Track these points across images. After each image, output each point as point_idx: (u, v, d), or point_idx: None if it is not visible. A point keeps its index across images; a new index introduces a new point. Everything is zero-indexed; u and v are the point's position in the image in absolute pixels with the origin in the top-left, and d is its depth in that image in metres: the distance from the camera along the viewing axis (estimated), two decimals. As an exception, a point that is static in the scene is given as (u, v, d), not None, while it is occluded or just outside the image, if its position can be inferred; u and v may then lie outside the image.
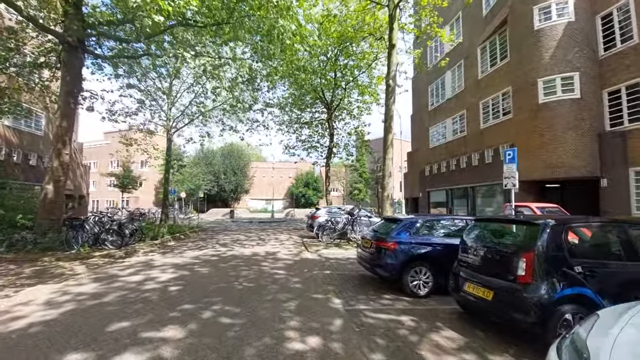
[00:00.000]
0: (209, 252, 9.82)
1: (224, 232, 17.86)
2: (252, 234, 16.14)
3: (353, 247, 10.86)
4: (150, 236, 12.79)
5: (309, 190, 51.70)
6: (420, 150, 24.43)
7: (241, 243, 12.27)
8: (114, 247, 10.00)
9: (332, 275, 6.87)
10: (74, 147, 22.80)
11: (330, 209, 14.87)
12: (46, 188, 10.34)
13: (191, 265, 7.64)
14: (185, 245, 11.78)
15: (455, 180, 19.19)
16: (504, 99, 15.52)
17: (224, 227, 22.05)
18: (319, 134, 25.35)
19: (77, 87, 10.55)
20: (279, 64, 15.40)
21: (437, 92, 21.99)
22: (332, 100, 22.32)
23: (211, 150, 49.48)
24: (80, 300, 4.93)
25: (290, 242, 12.82)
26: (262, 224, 24.99)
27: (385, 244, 5.52)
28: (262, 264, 7.93)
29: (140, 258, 8.93)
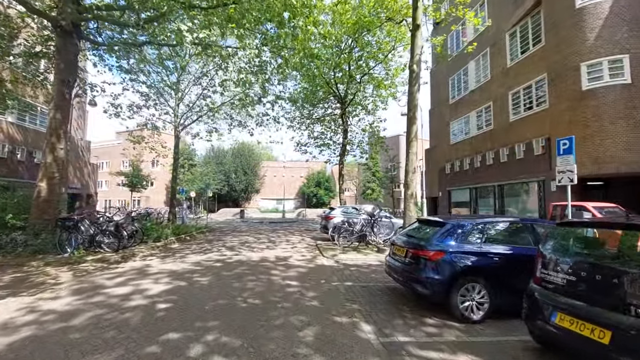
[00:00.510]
0: (213, 257, 8.80)
1: (233, 233, 16.92)
2: (262, 236, 15.12)
3: (373, 252, 9.69)
4: (154, 237, 11.91)
5: (321, 190, 50.60)
6: (439, 146, 22.98)
7: (250, 246, 11.24)
8: (110, 250, 9.11)
9: (355, 288, 5.72)
10: (81, 145, 22.35)
11: (345, 209, 13.71)
12: (39, 186, 9.52)
13: (190, 274, 6.61)
14: (189, 248, 10.81)
15: (480, 178, 17.75)
16: (538, 87, 14.04)
17: (233, 227, 21.15)
18: (332, 131, 24.21)
19: (71, 76, 9.70)
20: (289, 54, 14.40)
21: (458, 84, 20.54)
22: (346, 94, 21.15)
23: (222, 149, 48.97)
24: (44, 322, 3.93)
25: (302, 245, 11.73)
26: (273, 225, 24.01)
27: (425, 253, 4.34)
28: (272, 272, 6.84)
29: (137, 263, 7.97)
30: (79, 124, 21.15)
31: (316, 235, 15.46)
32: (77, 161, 20.99)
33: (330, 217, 13.10)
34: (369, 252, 9.62)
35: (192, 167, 44.63)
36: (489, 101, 17.30)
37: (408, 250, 4.69)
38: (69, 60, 9.49)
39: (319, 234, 15.95)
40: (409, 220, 10.33)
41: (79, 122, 21.20)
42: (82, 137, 21.45)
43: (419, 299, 4.84)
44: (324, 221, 13.56)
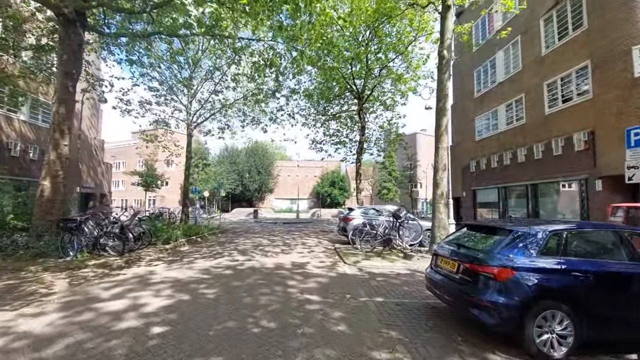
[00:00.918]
0: (224, 263, 8.01)
1: (246, 234, 16.21)
2: (277, 238, 14.33)
3: (400, 258, 8.70)
4: (163, 239, 11.29)
5: (335, 190, 49.62)
6: (463, 143, 21.65)
7: (263, 249, 10.43)
8: (115, 253, 8.48)
9: (388, 305, 4.78)
10: (94, 144, 22.19)
11: (365, 210, 12.74)
12: (42, 184, 8.99)
13: (196, 284, 5.82)
14: (199, 251, 10.10)
15: (509, 176, 16.43)
16: (579, 76, 12.69)
17: (246, 228, 20.49)
18: (348, 128, 23.27)
19: (76, 68, 9.12)
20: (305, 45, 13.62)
21: (485, 76, 19.20)
22: (364, 89, 20.18)
23: (235, 148, 48.72)
24: (10, 352, 3.18)
25: (320, 249, 10.84)
26: (287, 225, 23.24)
27: (487, 269, 3.37)
28: (289, 283, 5.97)
29: (141, 269, 7.26)
30: (92, 123, 20.95)
31: (333, 238, 14.56)
32: (90, 160, 20.80)
33: (349, 218, 12.16)
34: (395, 259, 8.63)
35: (206, 167, 44.50)
36: (520, 93, 15.97)
37: (461, 264, 3.73)
38: (72, 51, 8.91)
39: (336, 236, 15.04)
40: (438, 222, 9.32)
41: (92, 121, 21.01)
42: (95, 136, 21.25)
43: (475, 324, 3.87)
44: (342, 223, 12.64)
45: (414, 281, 6.32)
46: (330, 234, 16.47)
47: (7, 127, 14.91)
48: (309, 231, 18.35)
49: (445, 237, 4.76)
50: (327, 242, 12.85)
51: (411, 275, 6.83)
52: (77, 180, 19.53)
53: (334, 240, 13.63)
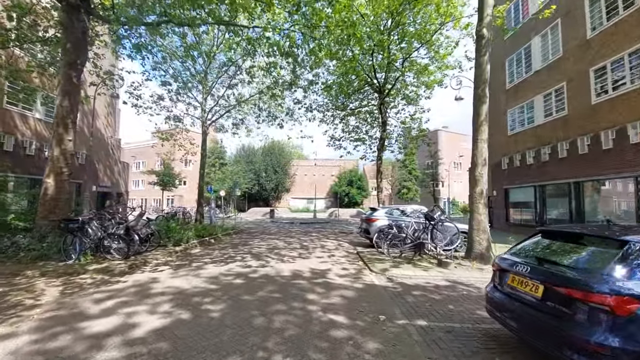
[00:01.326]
0: (235, 269, 7.18)
1: (261, 235, 15.45)
2: (293, 240, 13.46)
3: (434, 266, 7.61)
4: (174, 240, 10.64)
5: (353, 189, 48.46)
6: (493, 139, 19.96)
7: (279, 253, 9.56)
8: (119, 256, 7.83)
9: (434, 332, 3.76)
10: (111, 143, 22.09)
11: (389, 210, 11.65)
12: (45, 182, 8.47)
13: (200, 297, 4.98)
14: (211, 254, 9.34)
15: (548, 174, 14.94)
16: (633, 59, 11.17)
17: (262, 228, 19.77)
18: (368, 124, 22.15)
19: (80, 57, 8.54)
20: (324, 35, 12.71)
21: (518, 64, 17.68)
22: (385, 82, 19.03)
23: (252, 148, 48.44)
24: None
25: (341, 253, 9.86)
26: (304, 226, 22.38)
27: (595, 297, 2.32)
28: (308, 297, 5.05)
29: (143, 275, 6.53)
30: (109, 122, 20.81)
31: (354, 240, 13.55)
32: (107, 159, 20.66)
33: (373, 219, 11.12)
34: (428, 266, 7.55)
35: (223, 166, 44.35)
36: (561, 82, 14.44)
37: (549, 286, 2.67)
38: (76, 39, 8.33)
39: (356, 238, 14.03)
40: (477, 224, 8.16)
41: (109, 120, 20.86)
42: (112, 134, 21.11)
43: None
44: (365, 224, 11.61)
45: (458, 296, 5.25)
46: (350, 236, 15.46)
47: (23, 125, 14.75)
48: (328, 232, 17.40)
49: (512, 247, 3.68)
50: (348, 245, 11.86)
51: (453, 289, 5.76)
52: (94, 179, 19.38)
53: (355, 242, 12.62)
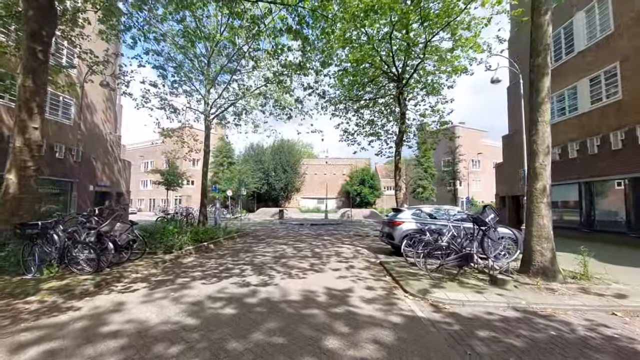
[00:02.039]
0: (228, 289, 5.56)
1: (268, 239, 13.86)
2: (304, 245, 11.82)
3: (485, 284, 5.85)
4: (166, 246, 9.15)
5: (365, 189, 46.56)
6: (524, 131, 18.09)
7: (286, 264, 7.91)
8: (90, 268, 6.32)
9: None
10: (110, 140, 20.87)
11: (417, 211, 9.87)
12: (6, 179, 7.02)
13: (167, 344, 3.36)
14: (205, 264, 7.77)
15: (597, 169, 12.91)
16: None
17: (269, 230, 18.20)
18: (384, 116, 20.36)
19: (45, 27, 7.07)
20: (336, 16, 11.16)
21: (557, 46, 15.63)
22: (404, 70, 17.23)
23: (261, 146, 47.09)
24: None
25: (361, 264, 8.15)
26: (315, 228, 20.73)
27: None
28: (326, 345, 3.37)
29: (109, 298, 4.98)
30: (107, 117, 19.58)
31: (373, 245, 11.83)
32: (105, 157, 19.43)
33: (397, 222, 9.37)
34: (480, 285, 5.77)
35: (231, 165, 43.12)
36: (612, 62, 12.41)
37: None
38: (39, 5, 6.87)
39: (375, 242, 12.30)
40: (538, 230, 6.34)
41: (107, 115, 19.63)
42: (111, 130, 19.88)
43: None
44: (387, 228, 9.86)
45: (547, 340, 3.51)
46: (367, 240, 13.73)
47: (9, 119, 13.54)
48: (341, 235, 15.71)
49: None
50: (367, 252, 10.15)
51: (530, 324, 4.00)
52: (91, 178, 18.16)
53: (375, 248, 10.90)
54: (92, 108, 18.32)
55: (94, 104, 18.46)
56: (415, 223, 9.24)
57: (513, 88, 19.29)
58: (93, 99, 18.42)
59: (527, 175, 6.80)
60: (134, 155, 51.75)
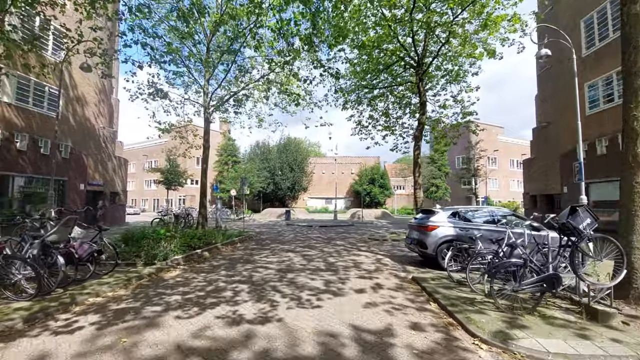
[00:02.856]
0: (212, 329, 3.84)
1: (273, 243, 12.18)
2: (314, 252, 10.09)
3: (581, 319, 4.06)
4: (147, 257, 7.52)
5: (375, 188, 44.70)
6: (560, 122, 16.11)
7: (294, 282, 6.18)
8: (33, 291, 4.69)
9: None
10: (103, 135, 19.42)
11: (455, 214, 8.02)
12: None
13: None
14: (190, 283, 6.09)
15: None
16: None
17: (275, 233, 16.54)
18: (400, 108, 18.55)
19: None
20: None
21: (601, 24, 13.65)
22: (424, 54, 15.43)
23: (267, 144, 45.56)
24: None
25: (390, 281, 6.37)
26: (325, 230, 19.00)
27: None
28: None
29: (30, 345, 3.33)
30: (100, 110, 18.13)
31: (394, 252, 10.06)
32: (98, 153, 17.98)
33: (431, 226, 7.58)
34: (579, 324, 3.96)
35: (236, 164, 41.65)
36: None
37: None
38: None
39: (395, 248, 10.52)
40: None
41: (101, 108, 18.19)
42: (104, 125, 18.43)
43: None
44: (417, 233, 8.06)
45: None
46: (386, 245, 11.96)
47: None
48: (355, 239, 13.95)
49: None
50: (391, 262, 8.39)
51: None
52: (82, 176, 16.71)
53: (399, 257, 9.14)
54: (82, 100, 16.88)
55: (85, 96, 17.02)
56: (454, 228, 7.44)
57: (546, 74, 17.32)
58: (84, 91, 16.99)
59: (626, 164, 4.95)
60: (137, 154, 50.69)
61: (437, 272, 6.82)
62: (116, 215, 19.43)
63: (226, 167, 41.57)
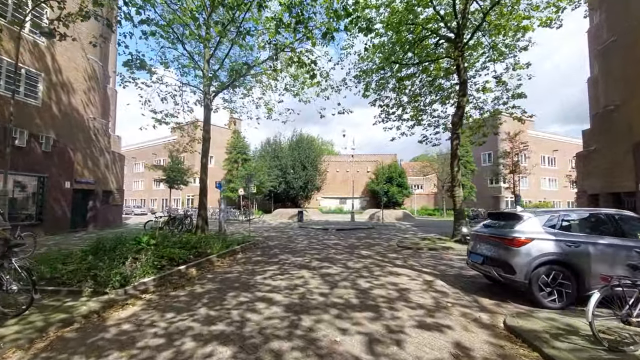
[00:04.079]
0: None
1: (282, 254, 9.75)
2: (336, 268, 7.61)
3: None
4: (95, 283, 5.22)
5: (393, 187, 41.82)
6: (632, 103, 13.13)
7: (312, 336, 3.72)
8: None
9: None
10: (94, 127, 17.39)
11: (558, 220, 5.33)
12: None
13: None
14: (143, 337, 3.70)
15: None
16: None
17: (286, 238, 14.12)
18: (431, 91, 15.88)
19: None
20: None
21: None
22: (464, 23, 12.77)
23: (278, 141, 43.39)
24: None
25: (478, 338, 3.79)
26: (344, 235, 16.47)
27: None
28: None
29: None
30: (90, 100, 16.14)
31: (441, 267, 7.47)
32: (88, 147, 15.98)
33: (519, 240, 4.97)
34: None
35: (246, 162, 39.57)
36: None
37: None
38: None
39: (436, 260, 7.90)
40: None
41: (91, 97, 16.20)
42: (95, 116, 16.42)
43: None
44: (494, 249, 5.43)
45: None
46: (424, 255, 9.36)
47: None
48: (383, 247, 11.40)
49: None
50: (449, 287, 5.83)
51: None
52: (68, 172, 14.73)
53: (453, 277, 6.56)
54: (68, 87, 14.89)
55: (71, 82, 15.03)
56: (557, 242, 4.83)
57: (611, 47, 14.31)
58: (70, 76, 15.00)
59: None
60: (147, 153, 49.38)
61: (537, 311, 4.26)
62: (109, 216, 17.42)
63: (235, 166, 39.55)
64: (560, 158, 42.64)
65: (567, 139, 44.14)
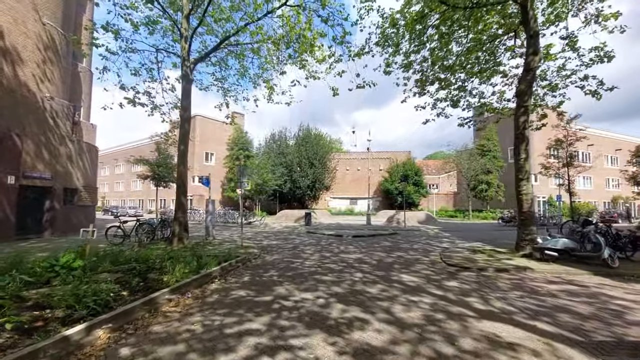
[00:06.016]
0: None
1: (279, 283, 6.25)
2: (374, 324, 4.12)
3: None
4: None
5: (409, 186, 38.06)
6: None
7: None
8: None
9: None
10: (53, 109, 14.09)
11: None
12: None
13: None
14: None
15: None
16: None
17: (290, 250, 10.63)
18: (489, 50, 12.22)
19: None
20: None
21: None
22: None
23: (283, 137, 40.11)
24: None
25: None
26: (364, 243, 12.92)
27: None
28: None
29: None
30: (46, 74, 12.93)
31: (564, 320, 3.86)
32: (42, 133, 12.76)
33: None
34: None
35: (249, 159, 36.33)
36: None
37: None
38: None
39: (573, 308, 4.29)
40: None
41: (47, 71, 12.98)
42: (52, 95, 13.21)
43: None
44: None
45: None
46: (509, 287, 5.82)
47: None
48: (428, 267, 7.86)
49: None
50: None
51: None
52: (12, 164, 11.52)
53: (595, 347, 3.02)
54: (13, 55, 11.71)
55: (18, 50, 11.83)
56: None
57: None
58: (16, 42, 11.81)
59: None
60: (144, 151, 46.62)
61: None
62: (73, 219, 14.13)
63: (237, 163, 36.35)
64: (596, 154, 38.49)
65: (604, 133, 40.49)
